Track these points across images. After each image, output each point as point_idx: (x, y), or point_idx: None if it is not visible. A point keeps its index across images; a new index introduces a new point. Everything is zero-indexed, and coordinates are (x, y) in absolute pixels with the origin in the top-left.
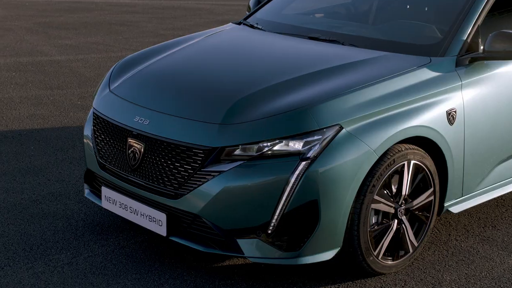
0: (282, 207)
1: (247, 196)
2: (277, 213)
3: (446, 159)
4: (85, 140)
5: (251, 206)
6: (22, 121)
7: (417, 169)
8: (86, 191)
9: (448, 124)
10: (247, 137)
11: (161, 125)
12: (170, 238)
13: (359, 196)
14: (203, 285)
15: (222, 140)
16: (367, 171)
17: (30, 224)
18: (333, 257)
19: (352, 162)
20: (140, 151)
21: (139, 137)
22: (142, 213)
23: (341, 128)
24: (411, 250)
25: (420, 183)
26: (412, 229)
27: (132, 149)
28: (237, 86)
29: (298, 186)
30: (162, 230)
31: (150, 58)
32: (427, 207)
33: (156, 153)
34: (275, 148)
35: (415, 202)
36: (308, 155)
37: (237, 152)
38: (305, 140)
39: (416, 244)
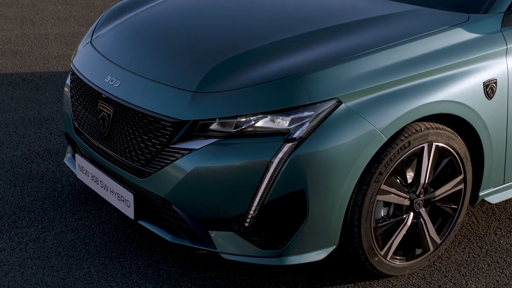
0: (261, 196)
1: (221, 181)
2: (255, 203)
3: (482, 140)
4: (65, 90)
5: (225, 193)
6: (48, 62)
7: (442, 153)
8: (68, 155)
9: (486, 98)
10: (225, 109)
11: (131, 88)
12: (138, 222)
13: (361, 186)
14: (177, 277)
15: (194, 112)
16: (371, 156)
17: (11, 188)
18: (330, 256)
19: (352, 145)
20: (109, 117)
21: (108, 101)
22: (112, 190)
23: (340, 103)
24: (431, 248)
25: (447, 169)
26: (433, 224)
27: (102, 114)
28: (223, 45)
29: (281, 173)
30: (130, 212)
31: (140, 6)
32: (454, 197)
33: (124, 121)
34: (257, 124)
35: (438, 191)
36: (294, 136)
37: (213, 127)
38: (292, 117)
39: (438, 241)
